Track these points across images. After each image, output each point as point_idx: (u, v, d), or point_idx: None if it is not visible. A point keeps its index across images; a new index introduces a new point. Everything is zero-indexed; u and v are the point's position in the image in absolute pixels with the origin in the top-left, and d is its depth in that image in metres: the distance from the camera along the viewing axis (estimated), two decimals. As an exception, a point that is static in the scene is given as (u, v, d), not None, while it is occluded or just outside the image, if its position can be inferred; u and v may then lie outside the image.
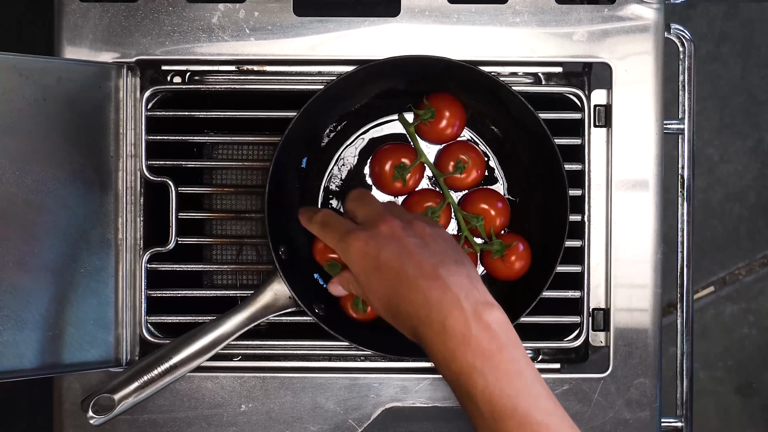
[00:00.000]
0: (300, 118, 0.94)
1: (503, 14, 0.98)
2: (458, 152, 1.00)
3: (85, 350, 0.96)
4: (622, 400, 0.99)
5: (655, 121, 0.98)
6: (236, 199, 1.12)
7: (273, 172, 0.94)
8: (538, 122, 0.94)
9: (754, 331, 1.76)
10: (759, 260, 1.76)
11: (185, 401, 0.99)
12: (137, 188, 0.99)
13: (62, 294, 0.94)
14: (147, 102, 0.98)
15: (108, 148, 0.98)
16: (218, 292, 1.04)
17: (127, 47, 0.98)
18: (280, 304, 0.95)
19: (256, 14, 0.98)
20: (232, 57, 0.98)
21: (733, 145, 1.75)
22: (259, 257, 1.11)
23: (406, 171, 0.99)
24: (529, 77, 1.01)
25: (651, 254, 0.99)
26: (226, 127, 1.10)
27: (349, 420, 0.99)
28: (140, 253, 0.99)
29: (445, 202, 0.99)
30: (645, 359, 0.98)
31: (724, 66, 1.75)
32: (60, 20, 0.97)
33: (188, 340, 0.93)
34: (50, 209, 0.93)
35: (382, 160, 0.99)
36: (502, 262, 0.98)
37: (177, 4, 0.98)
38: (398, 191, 1.01)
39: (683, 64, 1.01)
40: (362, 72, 0.95)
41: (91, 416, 0.90)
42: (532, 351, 1.03)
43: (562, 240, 0.95)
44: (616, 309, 0.99)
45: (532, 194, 1.03)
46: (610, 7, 0.98)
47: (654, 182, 0.99)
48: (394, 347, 0.99)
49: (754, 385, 1.76)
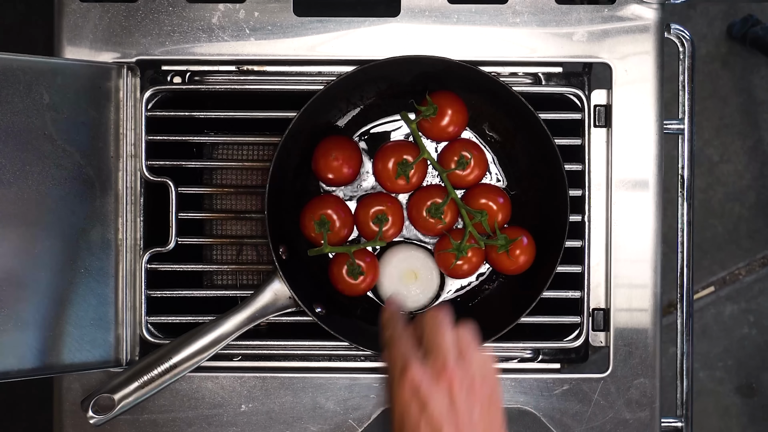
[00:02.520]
0: (300, 118, 0.94)
1: (503, 14, 0.98)
2: (461, 149, 1.00)
3: (85, 350, 0.95)
4: (622, 400, 0.99)
5: (655, 121, 0.98)
6: (236, 200, 1.12)
7: (273, 172, 0.94)
8: (538, 122, 0.94)
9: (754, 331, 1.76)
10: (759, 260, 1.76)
11: (185, 401, 0.99)
12: (137, 188, 0.99)
13: (62, 294, 0.94)
14: (147, 102, 0.98)
15: (108, 148, 0.98)
16: (218, 292, 1.04)
17: (127, 47, 0.98)
18: (280, 304, 0.96)
19: (256, 14, 0.98)
20: (232, 57, 0.98)
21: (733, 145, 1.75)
22: (259, 257, 1.11)
23: (409, 168, 0.99)
24: (529, 77, 1.01)
25: (651, 254, 0.99)
26: (226, 128, 1.10)
27: (349, 420, 0.99)
28: (140, 253, 0.99)
29: (449, 197, 0.99)
30: (645, 359, 0.98)
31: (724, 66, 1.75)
32: (60, 20, 0.97)
33: (188, 340, 0.93)
34: (50, 209, 0.93)
35: (385, 157, 0.99)
36: (506, 256, 0.98)
37: (177, 4, 0.98)
38: (402, 188, 1.01)
39: (683, 64, 1.01)
40: (362, 72, 0.95)
41: (91, 416, 0.90)
42: (532, 351, 1.03)
43: (563, 240, 0.95)
44: (616, 309, 0.99)
45: (532, 194, 1.03)
46: (610, 7, 0.98)
47: (654, 182, 0.99)
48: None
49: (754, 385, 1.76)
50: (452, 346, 0.79)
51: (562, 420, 0.99)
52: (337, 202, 1.00)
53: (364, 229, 1.01)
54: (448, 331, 0.80)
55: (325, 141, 1.00)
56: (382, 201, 1.00)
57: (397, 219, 1.00)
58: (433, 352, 0.79)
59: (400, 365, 0.78)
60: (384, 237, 1.00)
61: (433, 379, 0.77)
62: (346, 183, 1.02)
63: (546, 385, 0.99)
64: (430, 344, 0.80)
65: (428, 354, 0.79)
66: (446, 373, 0.77)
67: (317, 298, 0.99)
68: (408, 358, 0.79)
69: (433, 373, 0.77)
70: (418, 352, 0.80)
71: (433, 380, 0.77)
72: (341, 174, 0.99)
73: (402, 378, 0.78)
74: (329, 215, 0.98)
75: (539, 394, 0.99)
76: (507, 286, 1.04)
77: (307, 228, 0.99)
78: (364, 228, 1.00)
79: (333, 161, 0.99)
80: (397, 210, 1.00)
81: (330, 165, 0.99)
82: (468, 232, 0.99)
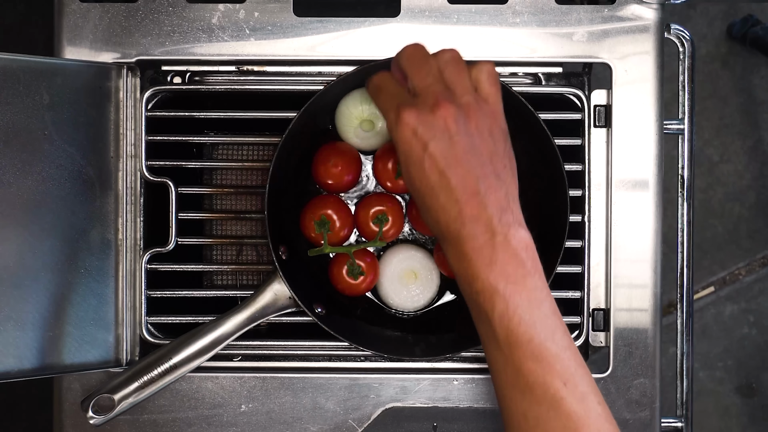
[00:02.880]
0: (300, 119, 0.94)
1: (503, 14, 0.98)
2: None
3: (85, 350, 0.96)
4: (622, 400, 0.99)
5: (655, 121, 0.98)
6: (236, 200, 1.12)
7: (273, 172, 0.94)
8: (538, 122, 0.94)
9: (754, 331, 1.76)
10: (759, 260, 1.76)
11: (185, 401, 0.99)
12: (137, 188, 0.99)
13: (62, 294, 0.94)
14: (147, 102, 0.98)
15: (108, 149, 0.98)
16: (218, 292, 1.04)
17: (127, 47, 0.98)
18: (280, 305, 0.96)
19: (256, 14, 0.98)
20: (232, 57, 0.98)
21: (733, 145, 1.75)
22: (259, 257, 1.11)
23: None
24: (529, 77, 1.01)
25: (651, 254, 0.99)
26: (226, 128, 1.10)
27: (349, 420, 0.99)
28: (140, 254, 0.99)
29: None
30: (645, 359, 0.99)
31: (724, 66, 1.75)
32: (60, 20, 0.97)
33: (188, 341, 0.93)
34: (50, 209, 0.93)
35: (385, 157, 0.99)
36: None
37: (177, 5, 0.98)
38: (402, 189, 1.01)
39: (683, 64, 1.01)
40: (362, 72, 0.95)
41: (91, 416, 0.90)
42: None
43: (562, 240, 0.95)
44: (615, 309, 0.99)
45: (531, 194, 1.03)
46: (610, 8, 0.98)
47: (654, 182, 0.99)
48: (394, 348, 0.99)
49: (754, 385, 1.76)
50: (436, 80, 0.80)
51: (562, 420, 0.99)
52: (337, 203, 1.00)
53: (364, 229, 1.01)
54: (429, 66, 0.80)
55: (325, 147, 1.00)
56: (383, 201, 1.00)
57: (397, 219, 1.00)
58: (422, 94, 0.79)
59: (394, 111, 0.79)
60: (384, 237, 1.00)
61: (428, 118, 0.77)
62: (346, 189, 1.02)
63: (546, 385, 0.99)
64: (415, 85, 0.80)
65: (417, 95, 0.80)
66: (439, 111, 0.78)
67: (317, 298, 0.99)
68: (399, 102, 0.79)
69: (427, 111, 0.78)
70: (407, 93, 0.80)
71: (429, 120, 0.77)
72: (341, 180, 0.99)
73: (398, 122, 0.78)
74: (329, 215, 0.98)
75: (539, 394, 0.99)
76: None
77: (307, 228, 0.99)
78: (364, 228, 1.00)
79: (333, 168, 0.98)
80: (397, 210, 1.00)
81: (330, 171, 0.99)
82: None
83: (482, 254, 0.76)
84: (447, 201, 0.78)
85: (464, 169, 0.78)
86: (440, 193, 0.78)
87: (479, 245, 0.76)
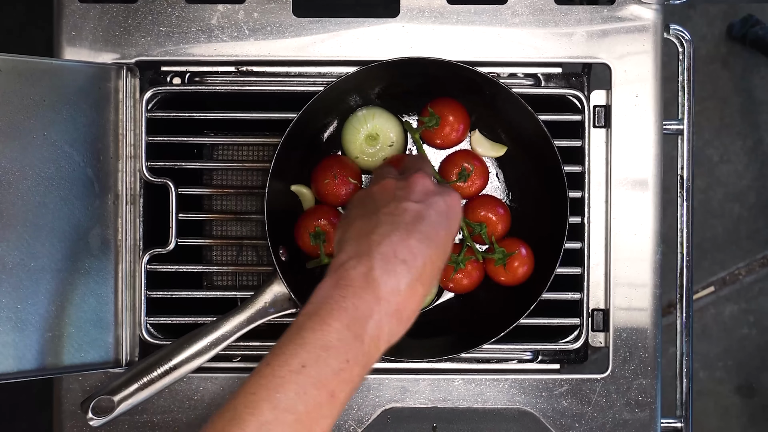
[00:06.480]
0: (300, 119, 0.94)
1: (503, 15, 0.98)
2: (462, 161, 0.99)
3: (84, 351, 0.96)
4: (622, 401, 0.99)
5: (654, 122, 0.98)
6: (236, 200, 1.12)
7: (273, 172, 0.94)
8: (537, 124, 0.94)
9: (754, 331, 1.76)
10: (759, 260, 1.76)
11: (185, 402, 0.99)
12: (137, 189, 0.99)
13: (62, 294, 0.94)
14: (147, 103, 0.98)
15: (108, 149, 0.98)
16: (218, 293, 1.04)
17: (127, 48, 0.98)
18: (279, 306, 0.95)
19: (256, 15, 0.98)
20: (232, 58, 0.98)
21: (733, 145, 1.75)
22: (259, 258, 1.11)
23: None
24: (529, 79, 1.01)
25: (651, 254, 0.99)
26: (225, 128, 1.10)
27: (349, 420, 0.99)
28: (140, 254, 0.99)
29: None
30: (645, 359, 0.98)
31: (724, 66, 1.75)
32: (60, 21, 0.97)
33: (188, 342, 0.93)
34: (50, 210, 0.93)
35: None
36: (504, 269, 0.98)
37: (176, 5, 0.98)
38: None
39: (682, 65, 1.01)
40: (362, 73, 0.95)
41: (90, 417, 0.90)
42: (532, 352, 1.03)
43: (562, 243, 0.95)
44: (615, 309, 0.99)
45: (531, 196, 1.03)
46: (609, 8, 0.98)
47: (653, 182, 0.99)
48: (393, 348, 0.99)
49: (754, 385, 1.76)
50: (423, 185, 0.82)
51: (561, 420, 0.99)
52: (330, 213, 0.99)
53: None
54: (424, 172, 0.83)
55: (325, 161, 0.99)
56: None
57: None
58: (409, 176, 0.82)
59: (381, 178, 0.83)
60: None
61: (403, 183, 0.80)
62: (344, 203, 1.02)
63: (546, 385, 0.99)
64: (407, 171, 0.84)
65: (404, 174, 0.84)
66: (413, 181, 0.80)
67: (317, 298, 0.98)
68: (388, 175, 0.83)
69: (404, 182, 0.81)
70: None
71: (403, 185, 0.80)
72: (341, 194, 0.99)
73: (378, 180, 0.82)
74: (324, 227, 0.98)
75: (539, 395, 0.99)
76: (507, 288, 1.03)
77: (303, 240, 0.98)
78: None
79: (332, 182, 0.98)
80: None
81: (330, 186, 0.98)
82: (466, 245, 0.98)
83: (346, 310, 0.74)
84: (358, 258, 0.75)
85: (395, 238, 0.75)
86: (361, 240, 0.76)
87: (352, 306, 0.73)
